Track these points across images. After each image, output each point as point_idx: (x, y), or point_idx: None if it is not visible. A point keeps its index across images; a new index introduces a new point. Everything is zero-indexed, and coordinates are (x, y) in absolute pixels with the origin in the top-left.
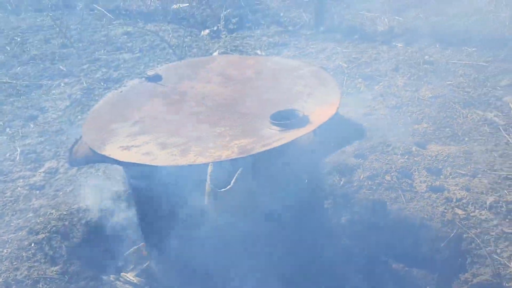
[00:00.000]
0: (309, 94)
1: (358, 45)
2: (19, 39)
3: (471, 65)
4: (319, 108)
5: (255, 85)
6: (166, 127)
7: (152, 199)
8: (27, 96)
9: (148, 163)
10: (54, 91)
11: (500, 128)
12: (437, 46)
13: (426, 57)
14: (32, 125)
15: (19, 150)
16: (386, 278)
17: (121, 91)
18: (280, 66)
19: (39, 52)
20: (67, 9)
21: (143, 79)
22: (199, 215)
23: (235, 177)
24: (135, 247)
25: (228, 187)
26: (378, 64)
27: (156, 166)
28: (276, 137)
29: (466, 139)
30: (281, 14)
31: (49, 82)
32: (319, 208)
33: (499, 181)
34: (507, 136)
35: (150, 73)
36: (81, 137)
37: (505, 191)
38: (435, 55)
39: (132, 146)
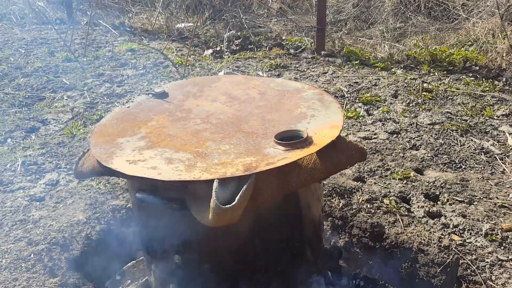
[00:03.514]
0: (312, 115)
1: (358, 70)
2: (23, 51)
3: (469, 93)
4: (322, 129)
5: (259, 105)
6: (171, 143)
7: (155, 213)
8: (29, 108)
9: (154, 177)
10: (56, 104)
11: (496, 157)
12: (436, 74)
13: (425, 84)
14: (33, 137)
15: (20, 161)
16: None
17: (128, 106)
18: (284, 87)
19: (43, 65)
20: (72, 24)
21: (150, 95)
22: (202, 230)
23: (239, 195)
24: (133, 261)
25: (232, 204)
26: (378, 90)
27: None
28: (280, 156)
29: (463, 166)
30: (283, 38)
31: (52, 94)
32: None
33: (495, 209)
34: (503, 165)
35: (157, 89)
36: (88, 150)
37: (500, 219)
38: (433, 82)
39: (139, 160)
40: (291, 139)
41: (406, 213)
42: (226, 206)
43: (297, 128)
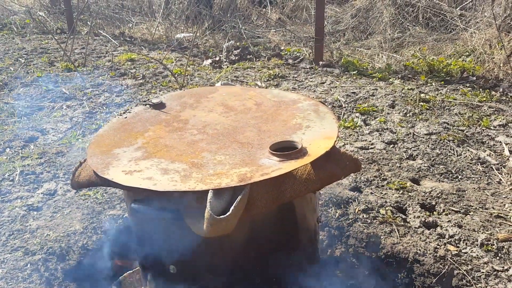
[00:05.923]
0: (307, 126)
1: (356, 81)
2: (23, 61)
3: (466, 104)
4: (317, 140)
5: (255, 116)
6: (168, 153)
7: (150, 223)
8: (28, 117)
9: (149, 188)
10: (55, 114)
11: (493, 167)
12: (433, 84)
13: (422, 94)
14: (32, 146)
15: (18, 170)
16: None
17: (125, 117)
18: (280, 98)
19: (43, 74)
20: (72, 34)
21: (147, 106)
22: (196, 240)
23: (233, 205)
24: (129, 271)
25: (227, 214)
26: (375, 100)
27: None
28: (275, 167)
29: (460, 176)
30: (282, 48)
31: (51, 104)
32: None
33: (491, 219)
34: (499, 175)
35: (155, 100)
36: (85, 160)
37: (496, 229)
38: (431, 93)
39: (135, 171)
40: (286, 150)
41: (402, 223)
42: (221, 216)
43: (292, 139)
